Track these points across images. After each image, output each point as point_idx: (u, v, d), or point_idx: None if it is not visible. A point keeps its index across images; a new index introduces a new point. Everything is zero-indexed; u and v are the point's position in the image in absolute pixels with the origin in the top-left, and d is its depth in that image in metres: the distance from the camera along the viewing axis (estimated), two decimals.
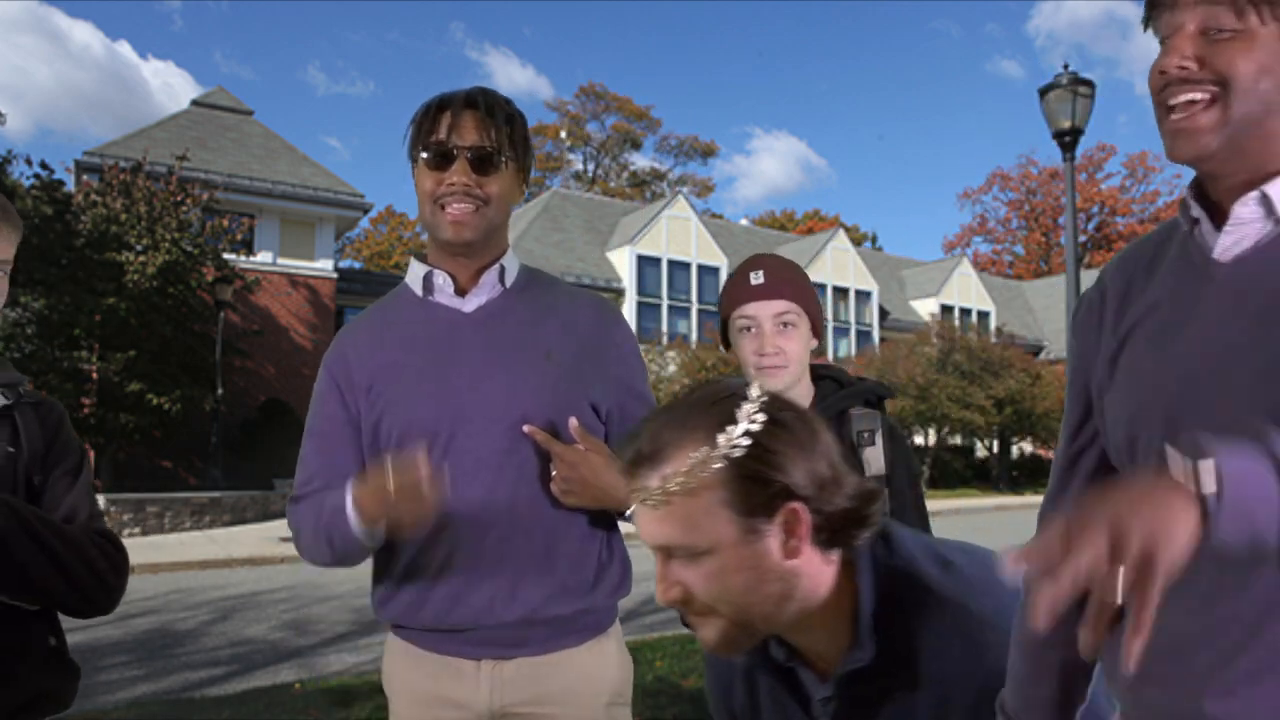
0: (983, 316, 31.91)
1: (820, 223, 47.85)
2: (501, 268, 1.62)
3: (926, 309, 31.60)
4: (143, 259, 15.14)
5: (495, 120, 1.53)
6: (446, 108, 1.53)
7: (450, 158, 1.51)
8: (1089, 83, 8.20)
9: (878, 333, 29.85)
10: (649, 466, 1.00)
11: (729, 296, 1.89)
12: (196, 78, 75.28)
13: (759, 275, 1.85)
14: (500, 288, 1.63)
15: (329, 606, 7.95)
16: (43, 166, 15.43)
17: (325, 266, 20.78)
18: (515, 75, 73.57)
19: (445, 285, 1.60)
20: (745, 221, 42.19)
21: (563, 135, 48.62)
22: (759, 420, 0.99)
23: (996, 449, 28.00)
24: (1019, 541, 1.24)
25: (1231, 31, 0.92)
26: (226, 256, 17.02)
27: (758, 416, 0.99)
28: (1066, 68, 8.29)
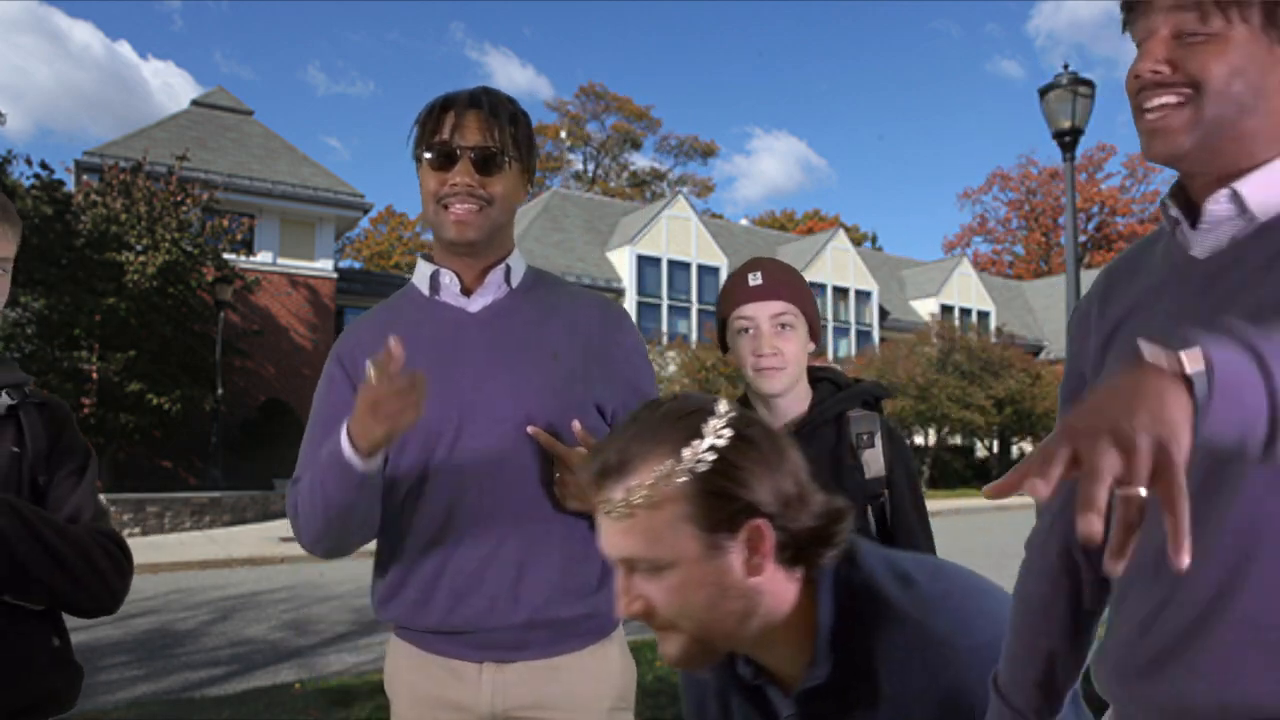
0: (983, 316, 31.91)
1: (820, 223, 47.85)
2: (507, 268, 1.62)
3: (926, 309, 31.60)
4: (143, 259, 15.15)
5: (499, 120, 1.52)
6: (450, 108, 1.53)
7: (454, 158, 1.51)
8: (1089, 83, 8.19)
9: (878, 333, 29.85)
10: (614, 478, 1.00)
11: (726, 298, 1.90)
12: (196, 78, 75.44)
13: (757, 277, 1.85)
14: (506, 288, 1.62)
15: (329, 606, 7.94)
16: (43, 166, 15.45)
17: (325, 266, 20.78)
18: (515, 75, 73.66)
19: (452, 285, 1.60)
20: (745, 221, 42.20)
21: (563, 135, 48.60)
22: (725, 436, 0.99)
23: (996, 449, 28.00)
24: (1019, 541, 1.25)
25: (1204, 35, 0.94)
26: (226, 256, 17.03)
27: (724, 432, 0.99)
28: (1066, 68, 8.28)
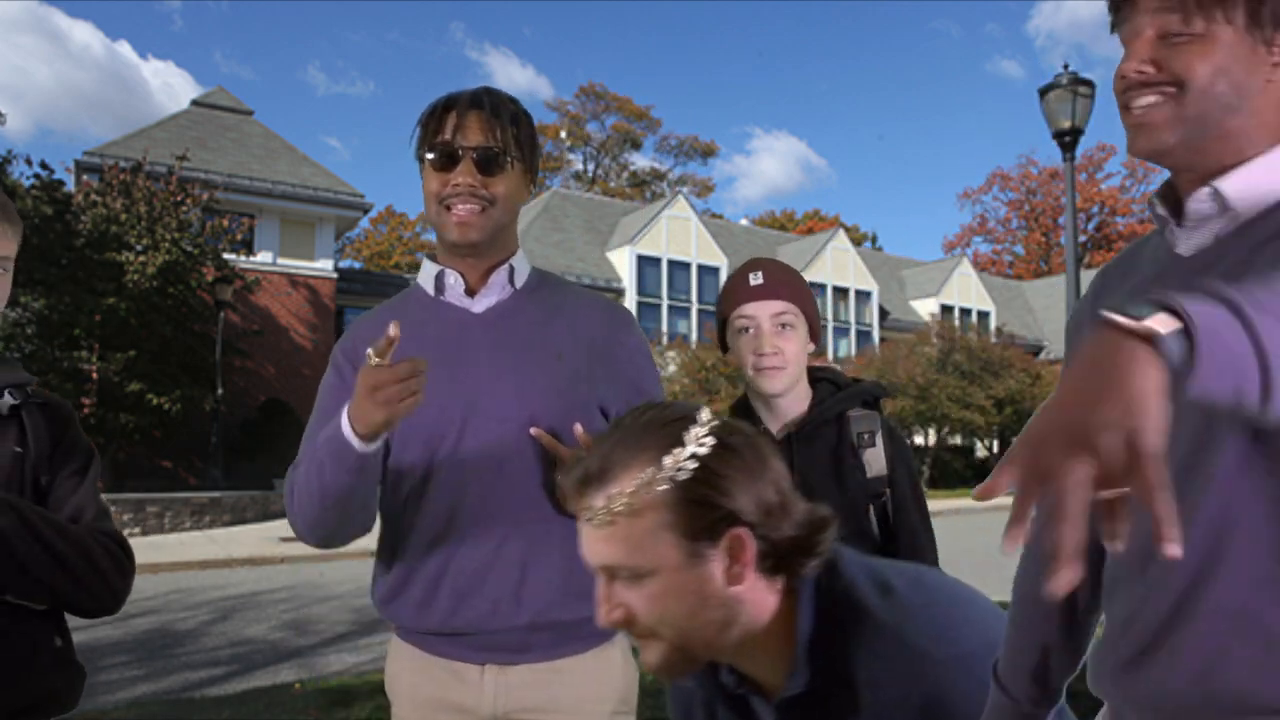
0: (983, 316, 31.91)
1: (820, 223, 47.84)
2: (511, 268, 1.62)
3: (926, 309, 31.60)
4: (143, 259, 15.15)
5: (500, 120, 1.53)
6: (452, 108, 1.53)
7: (455, 158, 1.51)
8: (1089, 83, 8.18)
9: (878, 333, 29.84)
10: (596, 485, 0.99)
11: (727, 298, 1.90)
12: (196, 78, 75.47)
13: (758, 276, 1.86)
14: (510, 288, 1.63)
15: (329, 606, 7.94)
16: (43, 166, 15.45)
17: (325, 266, 20.78)
18: (515, 75, 73.67)
19: (456, 285, 1.60)
20: (745, 221, 42.20)
21: (563, 135, 48.59)
22: (707, 444, 0.99)
23: (997, 449, 27.99)
24: (1018, 542, 1.25)
25: (1188, 36, 0.95)
26: (226, 256, 17.03)
27: (706, 440, 0.99)
28: (1066, 68, 8.27)
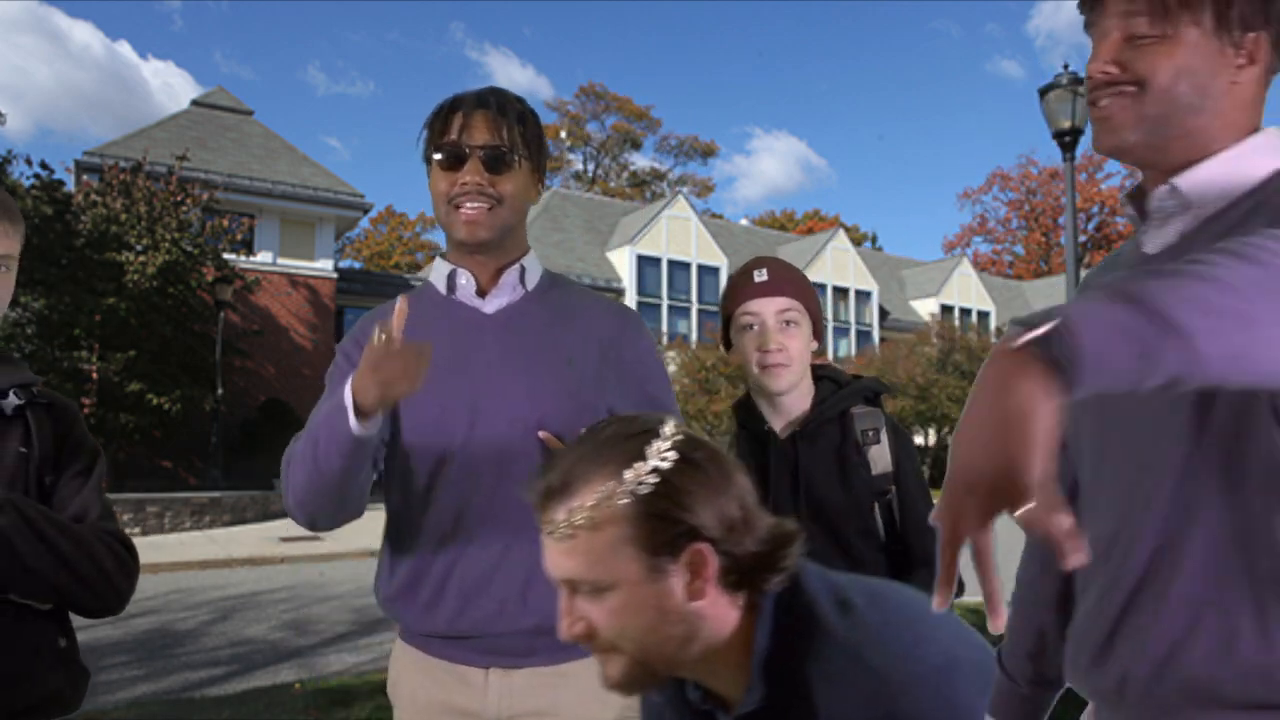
0: (983, 316, 31.94)
1: (820, 223, 47.87)
2: (522, 269, 1.62)
3: (926, 309, 31.62)
4: (143, 259, 15.15)
5: (507, 119, 1.53)
6: (458, 108, 1.53)
7: (463, 158, 1.51)
8: None
9: (878, 333, 29.86)
10: (558, 499, 1.00)
11: (731, 295, 1.90)
12: (196, 78, 75.55)
13: (762, 273, 1.86)
14: (521, 290, 1.62)
15: (329, 606, 7.94)
16: (43, 166, 15.43)
17: (325, 266, 20.78)
18: (515, 75, 73.72)
19: (468, 285, 1.60)
20: (745, 221, 42.25)
21: (563, 135, 48.59)
22: (669, 458, 0.98)
23: None
24: (1019, 541, 1.25)
25: (1154, 37, 0.96)
26: (226, 256, 17.03)
27: (669, 454, 0.99)
28: (1066, 68, 8.26)
